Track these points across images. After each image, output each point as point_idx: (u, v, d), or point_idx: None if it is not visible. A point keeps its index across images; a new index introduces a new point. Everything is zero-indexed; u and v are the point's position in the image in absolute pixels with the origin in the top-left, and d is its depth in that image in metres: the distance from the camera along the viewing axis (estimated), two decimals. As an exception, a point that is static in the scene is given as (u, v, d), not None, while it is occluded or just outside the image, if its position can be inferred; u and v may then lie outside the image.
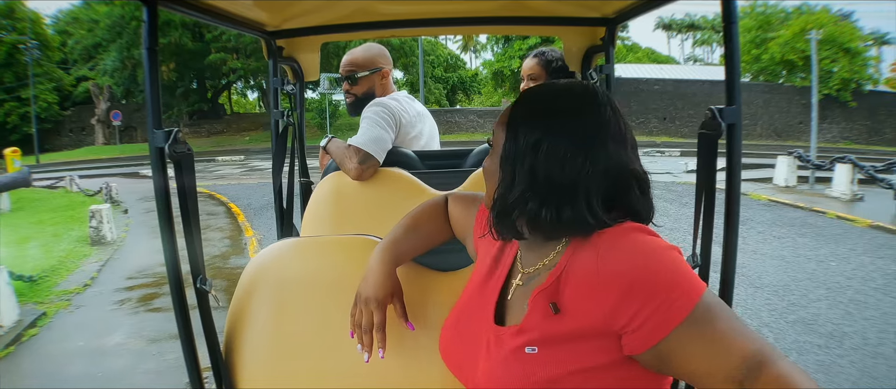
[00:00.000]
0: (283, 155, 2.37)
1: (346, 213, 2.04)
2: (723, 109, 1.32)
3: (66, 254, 7.75)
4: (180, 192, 1.30)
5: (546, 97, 1.03)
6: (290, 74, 2.47)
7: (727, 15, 1.29)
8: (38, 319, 5.37)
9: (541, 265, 1.04)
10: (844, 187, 11.55)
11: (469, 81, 44.79)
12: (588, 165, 0.95)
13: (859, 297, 5.82)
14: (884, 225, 9.13)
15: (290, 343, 1.38)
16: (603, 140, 0.96)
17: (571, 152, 0.95)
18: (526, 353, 0.96)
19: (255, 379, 1.38)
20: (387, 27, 2.33)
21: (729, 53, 1.32)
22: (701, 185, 1.42)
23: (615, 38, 2.26)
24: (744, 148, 1.42)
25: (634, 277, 0.88)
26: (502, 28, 2.95)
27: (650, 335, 0.87)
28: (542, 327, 0.96)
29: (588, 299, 0.92)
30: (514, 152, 1.00)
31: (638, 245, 0.91)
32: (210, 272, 6.59)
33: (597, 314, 0.90)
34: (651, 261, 0.89)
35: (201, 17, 1.57)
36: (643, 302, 0.86)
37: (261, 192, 13.93)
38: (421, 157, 2.32)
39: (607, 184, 0.96)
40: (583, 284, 0.94)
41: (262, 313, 1.40)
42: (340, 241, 1.54)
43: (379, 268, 1.28)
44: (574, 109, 0.99)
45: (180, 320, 1.33)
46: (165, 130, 1.24)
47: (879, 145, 31.09)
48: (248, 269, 1.47)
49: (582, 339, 0.92)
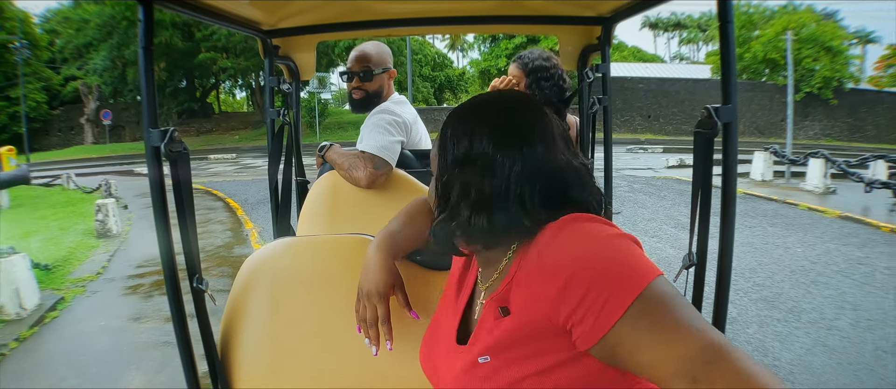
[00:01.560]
0: (279, 154, 2.37)
1: (342, 212, 2.05)
2: (719, 108, 1.31)
3: (74, 246, 8.07)
4: (176, 191, 1.31)
5: (467, 109, 1.04)
6: (285, 73, 2.47)
7: (723, 14, 1.28)
8: (58, 303, 5.73)
9: (496, 276, 1.03)
10: (817, 181, 12.07)
11: (456, 79, 45.00)
12: (516, 168, 0.95)
13: (821, 279, 6.30)
14: (852, 216, 9.63)
15: (287, 343, 1.38)
16: (528, 141, 0.96)
17: (500, 157, 0.95)
18: (479, 363, 0.95)
19: (251, 379, 1.38)
20: (383, 26, 2.33)
21: (724, 52, 1.31)
22: (697, 184, 1.41)
23: (611, 37, 2.27)
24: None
25: (575, 266, 0.85)
26: (498, 27, 2.97)
27: (595, 327, 0.82)
28: (493, 333, 0.95)
29: (532, 296, 0.90)
30: (445, 167, 1.01)
31: (578, 234, 0.89)
32: (216, 261, 7.10)
33: (541, 310, 0.88)
34: (592, 248, 0.86)
35: (197, 15, 1.57)
36: (584, 292, 0.83)
37: (256, 188, 14.28)
38: (417, 156, 2.35)
39: (541, 183, 0.95)
40: (527, 282, 0.92)
41: (258, 312, 1.40)
42: (337, 240, 1.53)
43: (377, 260, 1.27)
44: (497, 117, 1.00)
45: (176, 319, 1.33)
46: (161, 129, 1.24)
47: (860, 142, 31.74)
48: (243, 268, 1.47)
49: (531, 339, 0.90)
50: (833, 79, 32.48)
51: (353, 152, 2.10)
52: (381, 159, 2.05)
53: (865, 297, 5.73)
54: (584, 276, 0.83)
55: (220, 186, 15.11)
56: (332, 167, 2.10)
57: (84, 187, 14.58)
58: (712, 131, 1.33)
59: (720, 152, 1.33)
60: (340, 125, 34.31)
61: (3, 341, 4.72)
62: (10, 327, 5.03)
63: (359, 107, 2.45)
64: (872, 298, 5.71)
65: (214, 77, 38.26)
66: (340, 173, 2.07)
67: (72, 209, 11.54)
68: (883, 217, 9.39)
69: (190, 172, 1.33)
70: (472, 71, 42.83)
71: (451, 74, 45.14)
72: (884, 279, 6.36)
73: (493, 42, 36.26)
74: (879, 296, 5.76)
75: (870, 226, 9.01)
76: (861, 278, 6.36)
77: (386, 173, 2.04)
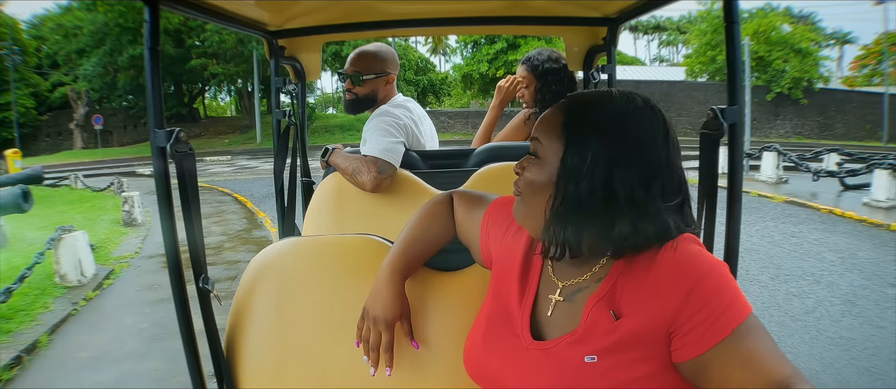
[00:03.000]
0: (285, 154, 2.35)
1: (347, 212, 2.04)
2: (724, 109, 1.31)
3: (107, 233, 9.03)
4: (182, 191, 1.30)
5: (613, 109, 0.99)
6: (291, 74, 2.46)
7: (729, 15, 1.27)
8: (110, 273, 6.75)
9: (586, 277, 1.03)
10: (770, 172, 13.31)
11: (439, 83, 45.32)
12: (668, 181, 0.95)
13: (753, 246, 7.49)
14: (797, 200, 10.85)
15: (292, 343, 1.37)
16: (673, 153, 0.97)
17: (654, 171, 0.94)
18: (585, 363, 0.95)
19: (256, 378, 1.37)
20: (389, 27, 2.33)
21: (730, 53, 1.29)
22: (703, 185, 1.42)
23: (617, 37, 2.25)
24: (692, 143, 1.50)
25: (694, 282, 0.89)
26: (504, 28, 2.86)
27: (699, 342, 0.88)
28: (602, 335, 0.95)
29: (649, 299, 0.93)
30: (582, 166, 0.95)
31: (696, 255, 0.93)
32: (241, 241, 8.15)
33: (658, 314, 0.91)
34: (710, 271, 0.90)
35: (203, 16, 1.56)
36: (699, 307, 0.88)
37: (259, 185, 15.15)
38: (423, 157, 2.32)
39: (681, 197, 0.97)
40: (641, 288, 0.94)
41: (263, 312, 1.39)
42: (342, 240, 1.50)
43: (387, 288, 1.25)
44: (646, 124, 0.97)
45: (181, 318, 1.33)
46: (167, 130, 1.23)
47: (829, 140, 32.56)
48: (249, 268, 1.45)
49: (638, 344, 0.93)
50: (802, 79, 33.48)
51: (357, 156, 2.09)
52: (385, 161, 2.03)
53: (788, 259, 6.95)
54: (702, 293, 0.89)
55: (223, 184, 15.95)
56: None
57: (91, 186, 15.36)
58: (718, 132, 1.33)
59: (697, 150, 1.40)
60: (327, 129, 34.88)
61: (75, 300, 5.73)
62: (76, 290, 6.03)
63: (350, 108, 2.44)
64: (794, 259, 6.92)
65: (204, 82, 38.81)
66: (345, 177, 2.07)
67: (89, 205, 12.41)
68: (830, 202, 10.47)
69: (195, 172, 1.33)
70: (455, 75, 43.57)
71: (434, 78, 45.76)
72: (809, 246, 7.57)
73: (474, 47, 36.98)
74: (801, 258, 6.97)
75: (810, 209, 10.22)
76: (790, 247, 7.57)
77: (390, 176, 2.04)
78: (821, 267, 6.59)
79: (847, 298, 5.53)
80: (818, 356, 4.29)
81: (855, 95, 34.97)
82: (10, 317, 5.06)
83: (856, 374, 3.99)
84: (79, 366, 4.37)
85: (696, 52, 36.48)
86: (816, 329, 4.78)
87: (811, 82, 34.02)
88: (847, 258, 6.99)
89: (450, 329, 1.34)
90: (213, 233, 9.08)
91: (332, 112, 48.90)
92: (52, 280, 6.14)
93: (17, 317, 5.12)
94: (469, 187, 1.90)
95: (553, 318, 1.05)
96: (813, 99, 34.32)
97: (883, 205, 9.64)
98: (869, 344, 4.48)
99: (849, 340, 4.56)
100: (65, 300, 5.72)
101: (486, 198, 1.33)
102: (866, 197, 10.10)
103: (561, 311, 1.05)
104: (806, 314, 5.15)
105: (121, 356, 4.55)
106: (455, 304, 1.35)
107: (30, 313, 5.28)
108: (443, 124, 35.87)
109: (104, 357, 4.52)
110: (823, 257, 7.06)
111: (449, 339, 1.33)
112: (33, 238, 8.31)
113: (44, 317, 5.24)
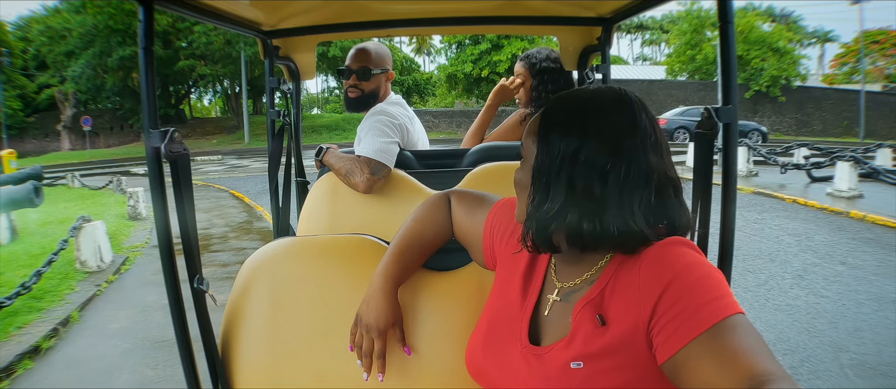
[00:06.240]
0: (279, 154, 2.33)
1: (342, 212, 2.03)
2: (719, 108, 1.30)
3: (115, 226, 9.45)
4: (177, 191, 1.29)
5: (578, 105, 0.99)
6: (286, 74, 2.44)
7: (723, 14, 1.26)
8: (126, 260, 7.28)
9: (583, 279, 1.02)
10: (741, 165, 13.90)
11: (424, 83, 45.97)
12: (630, 174, 0.93)
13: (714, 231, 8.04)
14: (763, 191, 11.55)
15: (287, 343, 1.36)
16: (643, 148, 0.95)
17: (612, 162, 0.93)
18: (571, 369, 0.94)
19: (251, 379, 1.36)
20: (383, 27, 2.30)
21: (724, 53, 1.28)
22: (698, 183, 1.41)
23: (612, 37, 2.24)
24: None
25: (671, 278, 0.88)
26: (499, 28, 2.90)
27: (673, 338, 0.85)
28: (588, 340, 0.95)
29: (630, 302, 0.92)
30: (549, 163, 0.97)
31: (681, 257, 0.91)
32: (242, 231, 8.79)
33: (639, 316, 0.90)
34: (689, 268, 0.89)
35: (198, 16, 1.55)
36: (674, 302, 0.87)
37: (253, 182, 15.56)
38: (417, 157, 2.32)
39: (647, 192, 0.94)
40: (626, 291, 0.94)
41: (258, 312, 1.38)
42: (337, 240, 1.50)
43: (380, 296, 1.25)
44: (610, 117, 0.96)
45: (176, 318, 1.32)
46: (161, 130, 1.22)
47: (807, 136, 32.98)
48: (244, 268, 1.45)
49: (622, 349, 0.92)
50: (780, 77, 34.19)
51: (351, 156, 2.08)
52: (378, 162, 2.03)
53: (747, 242, 7.61)
54: (682, 285, 0.87)
55: (218, 181, 16.32)
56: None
57: (88, 185, 15.68)
58: (712, 132, 1.32)
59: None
60: (314, 129, 35.19)
61: (97, 283, 6.26)
62: (97, 275, 6.55)
63: (354, 106, 2.41)
64: (754, 242, 7.59)
65: (192, 84, 38.95)
66: (339, 177, 2.06)
67: (91, 202, 12.81)
68: (796, 193, 11.12)
69: (190, 172, 1.33)
70: (439, 75, 43.95)
71: (419, 78, 46.13)
72: (769, 231, 8.26)
73: (459, 48, 37.28)
74: (760, 241, 7.64)
75: (776, 198, 10.92)
76: (751, 231, 8.24)
77: (384, 177, 2.03)
78: (777, 248, 7.24)
79: (798, 273, 6.17)
80: (763, 318, 4.92)
81: (832, 93, 35.67)
82: (39, 297, 5.57)
83: (796, 333, 4.59)
84: (110, 336, 4.91)
85: (676, 51, 37.26)
86: (765, 299, 5.42)
87: (789, 80, 34.70)
88: (803, 240, 7.64)
89: (444, 332, 1.35)
90: (217, 225, 9.60)
91: (318, 112, 49.20)
92: (72, 266, 6.65)
93: (47, 298, 5.64)
94: (464, 186, 1.87)
95: (549, 319, 1.06)
96: (791, 97, 35.01)
97: (845, 194, 10.34)
98: (812, 310, 5.09)
99: (794, 307, 5.19)
100: (88, 283, 6.24)
101: (488, 198, 1.33)
102: (830, 187, 10.79)
103: (556, 312, 1.05)
104: (758, 286, 5.79)
105: (148, 326, 5.10)
106: (450, 306, 1.36)
107: (57, 294, 5.80)
108: (428, 124, 36.15)
109: (133, 328, 5.07)
110: (781, 240, 7.72)
111: (443, 342, 1.34)
112: (43, 232, 8.79)
113: (71, 297, 5.76)
